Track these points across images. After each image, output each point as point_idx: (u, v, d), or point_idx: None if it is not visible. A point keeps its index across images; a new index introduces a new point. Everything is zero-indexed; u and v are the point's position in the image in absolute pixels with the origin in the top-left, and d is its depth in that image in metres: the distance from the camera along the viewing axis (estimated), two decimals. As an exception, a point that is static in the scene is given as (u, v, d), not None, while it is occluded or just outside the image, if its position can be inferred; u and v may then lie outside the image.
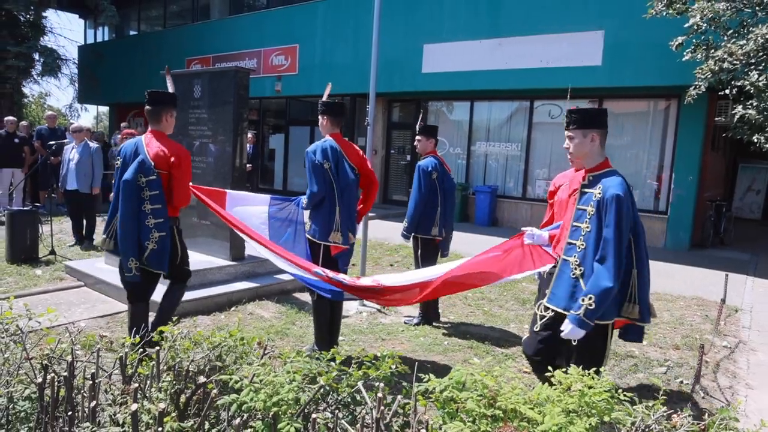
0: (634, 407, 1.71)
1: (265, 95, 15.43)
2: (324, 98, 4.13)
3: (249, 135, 10.35)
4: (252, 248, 6.26)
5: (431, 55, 11.98)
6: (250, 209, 4.18)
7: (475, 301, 5.87)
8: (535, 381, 3.18)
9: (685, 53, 7.94)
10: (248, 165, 7.77)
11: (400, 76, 12.26)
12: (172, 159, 3.51)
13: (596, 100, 10.88)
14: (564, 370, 1.83)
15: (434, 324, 5.00)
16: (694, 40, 7.84)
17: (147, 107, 3.60)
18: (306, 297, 5.67)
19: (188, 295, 5.00)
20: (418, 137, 5.01)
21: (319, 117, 4.04)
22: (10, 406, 1.75)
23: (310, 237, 3.97)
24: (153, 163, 3.46)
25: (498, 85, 11.20)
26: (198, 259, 5.69)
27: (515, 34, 10.78)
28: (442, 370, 3.92)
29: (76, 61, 21.66)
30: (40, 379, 1.65)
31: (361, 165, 4.01)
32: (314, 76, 14.08)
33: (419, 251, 4.97)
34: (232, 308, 5.15)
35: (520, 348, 4.48)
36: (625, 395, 1.74)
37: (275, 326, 4.69)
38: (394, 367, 1.82)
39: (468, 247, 9.00)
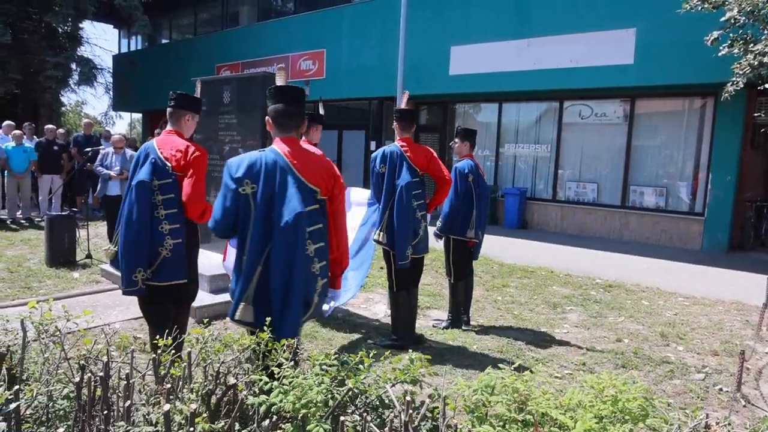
0: (671, 414, 1.67)
1: (293, 100, 15.57)
2: (402, 106, 4.47)
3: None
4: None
5: (459, 56, 11.94)
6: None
7: (505, 305, 5.81)
8: (567, 385, 3.13)
9: (721, 48, 7.71)
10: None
11: (427, 78, 12.25)
12: (187, 156, 3.20)
13: (628, 100, 10.66)
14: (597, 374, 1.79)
15: (463, 328, 4.97)
16: (731, 35, 7.61)
17: (169, 108, 3.41)
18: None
19: (218, 298, 5.10)
20: (455, 139, 5.05)
21: (394, 122, 4.49)
22: (50, 405, 1.80)
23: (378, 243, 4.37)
24: (171, 165, 3.17)
25: (527, 86, 11.08)
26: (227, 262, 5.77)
27: (544, 34, 10.65)
28: (471, 374, 3.89)
29: (111, 70, 22.31)
30: (77, 379, 1.70)
31: (428, 166, 4.27)
32: (342, 80, 14.18)
33: (451, 252, 4.95)
34: (262, 311, 5.20)
35: (552, 352, 4.42)
36: (660, 401, 1.69)
37: (303, 329, 4.72)
38: (422, 370, 1.81)
39: (497, 250, 8.93)
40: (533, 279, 7.06)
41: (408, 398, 1.55)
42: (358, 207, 4.84)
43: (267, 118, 2.62)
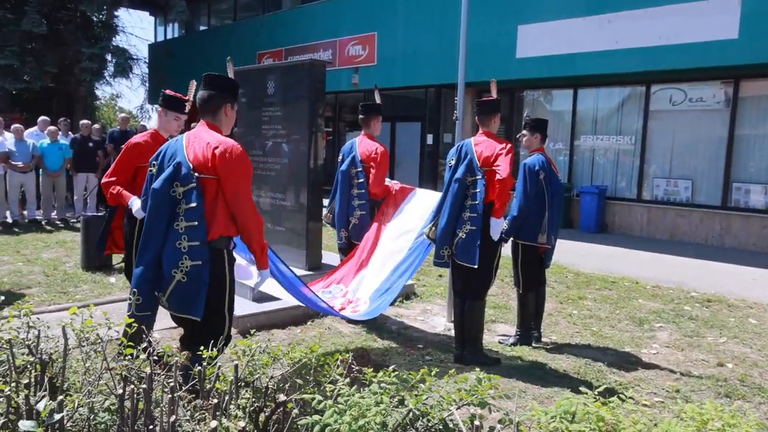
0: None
1: (341, 89, 15.81)
2: (493, 94, 4.62)
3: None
4: (329, 257, 6.44)
5: (527, 37, 11.75)
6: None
7: (581, 320, 5.67)
8: (659, 415, 3.02)
9: None
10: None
11: (491, 62, 12.12)
12: (219, 156, 2.85)
13: (731, 82, 10.19)
14: (699, 404, 1.72)
15: (534, 345, 4.89)
16: None
17: (200, 95, 3.07)
18: (388, 311, 5.74)
19: (262, 307, 5.22)
20: (523, 131, 5.02)
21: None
22: (91, 417, 1.90)
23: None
24: (192, 166, 2.87)
25: (607, 68, 10.78)
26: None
27: (627, 7, 10.33)
28: (544, 398, 3.82)
29: (147, 60, 23.30)
30: (120, 391, 1.78)
31: (491, 163, 4.25)
32: (395, 67, 14.24)
33: (520, 259, 4.89)
34: (309, 322, 5.30)
35: (638, 376, 4.28)
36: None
37: (354, 342, 4.78)
38: (491, 391, 1.80)
39: (572, 257, 8.73)
40: (614, 291, 6.87)
41: (476, 422, 1.55)
42: (424, 210, 4.90)
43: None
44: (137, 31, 63.90)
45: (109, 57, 19.72)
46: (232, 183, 2.87)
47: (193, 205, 2.84)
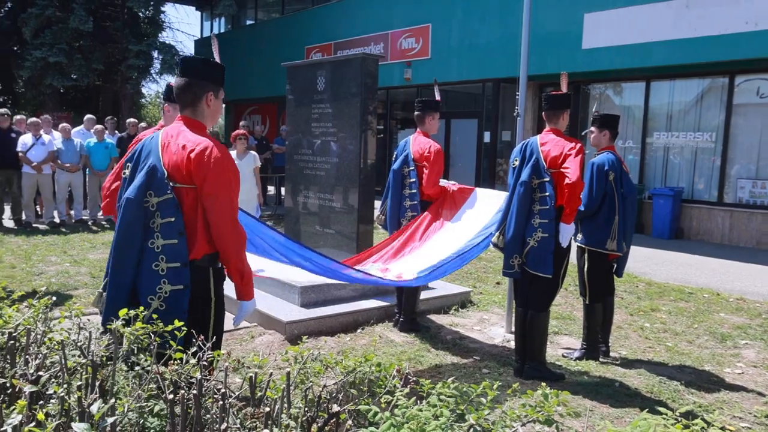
0: None
1: (393, 84, 15.88)
2: (563, 88, 4.61)
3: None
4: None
5: (594, 26, 11.52)
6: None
7: (654, 334, 5.51)
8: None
9: None
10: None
11: (554, 54, 11.94)
12: (194, 160, 2.53)
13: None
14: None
15: (601, 359, 4.78)
16: None
17: (175, 84, 2.75)
18: (442, 320, 5.72)
19: (310, 313, 5.30)
20: (591, 128, 4.93)
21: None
22: (141, 422, 1.97)
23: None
24: (166, 172, 2.56)
25: (684, 58, 10.45)
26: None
27: (708, -9, 10.01)
28: (614, 417, 3.73)
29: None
30: (171, 396, 1.84)
31: (559, 164, 4.19)
32: (450, 60, 14.20)
33: (586, 266, 4.79)
34: (359, 330, 5.34)
35: (721, 397, 4.13)
36: None
37: (407, 353, 4.78)
38: (559, 408, 1.77)
39: (643, 265, 8.50)
40: (692, 303, 6.65)
41: (544, 442, 1.52)
42: (489, 208, 4.92)
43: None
44: (183, 26, 66.01)
45: (155, 54, 20.40)
46: (207, 191, 2.54)
47: (171, 219, 2.53)
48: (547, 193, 4.13)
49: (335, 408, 1.79)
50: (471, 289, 6.69)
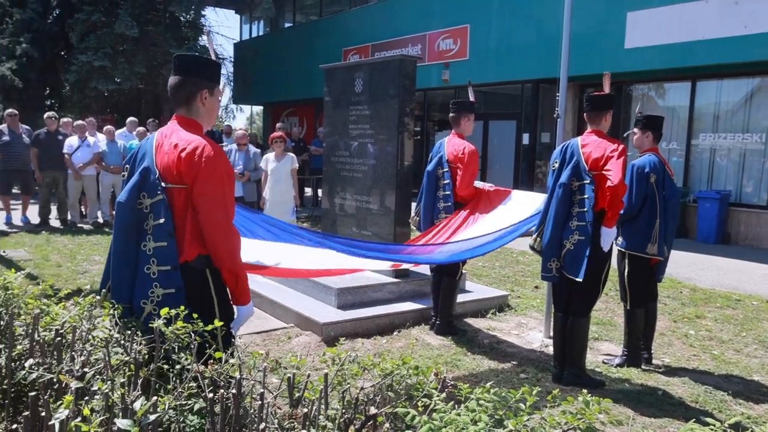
0: None
1: (431, 86, 15.85)
2: (606, 88, 4.54)
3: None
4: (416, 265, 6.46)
5: (637, 24, 11.30)
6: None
7: (699, 342, 5.37)
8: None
9: None
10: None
11: (596, 54, 11.75)
12: (185, 159, 2.47)
13: None
14: None
15: (643, 367, 4.69)
16: None
17: (170, 82, 2.69)
18: (479, 324, 5.68)
19: (347, 315, 5.32)
20: (633, 130, 4.87)
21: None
22: (181, 419, 2.01)
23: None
24: (158, 173, 2.51)
25: (732, 57, 10.16)
26: (357, 275, 6.01)
27: (759, -13, 9.72)
28: (656, 427, 3.65)
29: (232, 59, 24.39)
30: (210, 395, 1.87)
31: (602, 166, 4.14)
32: (488, 61, 14.10)
33: (627, 271, 4.71)
34: (395, 332, 5.34)
35: (769, 408, 4.00)
36: None
37: (444, 356, 4.77)
38: (601, 416, 1.74)
39: (688, 270, 8.30)
40: (740, 310, 6.45)
41: (585, 450, 1.50)
42: (525, 207, 4.90)
43: None
44: (223, 30, 67.12)
45: (196, 57, 20.81)
46: (198, 191, 2.47)
47: (161, 221, 2.47)
48: (586, 196, 4.06)
49: (372, 410, 1.79)
50: (509, 292, 6.63)
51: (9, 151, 10.39)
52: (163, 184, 2.48)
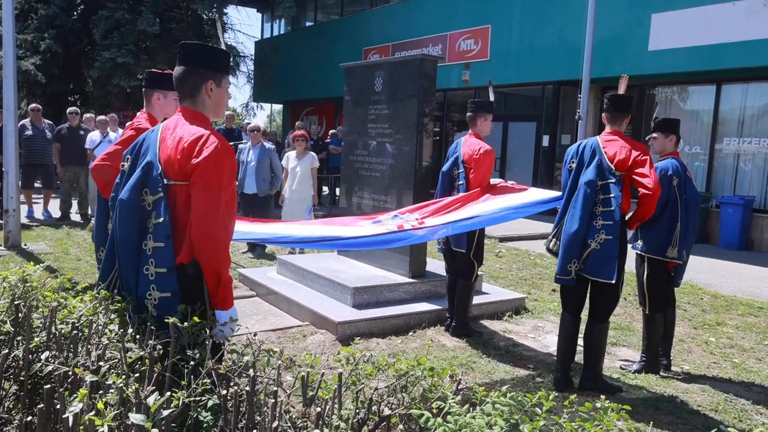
0: None
1: (451, 86, 15.80)
2: (621, 90, 4.44)
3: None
4: (434, 264, 6.43)
5: (661, 26, 11.16)
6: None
7: (719, 349, 5.28)
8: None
9: None
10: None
11: (619, 56, 11.61)
12: (185, 150, 2.35)
13: None
14: None
15: (662, 373, 4.62)
16: None
17: (174, 73, 2.56)
18: (495, 326, 5.64)
19: (362, 314, 5.31)
20: (653, 134, 4.80)
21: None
22: (195, 415, 2.01)
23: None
24: (161, 168, 2.39)
25: (759, 60, 10.00)
26: (372, 274, 6.01)
27: (786, -9, 9.55)
28: (674, 436, 3.59)
29: (253, 57, 24.52)
30: (224, 391, 1.87)
31: (629, 168, 4.08)
32: (509, 62, 14.02)
33: (646, 273, 4.64)
34: (410, 333, 5.32)
35: (791, 419, 3.92)
36: None
37: (459, 358, 4.73)
38: (620, 423, 1.71)
39: (709, 276, 8.17)
40: (762, 318, 6.34)
41: (602, 457, 1.47)
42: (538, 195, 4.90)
43: None
44: (245, 28, 67.60)
45: (217, 55, 20.97)
46: (195, 179, 2.33)
47: (160, 219, 2.35)
48: (612, 195, 3.99)
49: (386, 411, 1.77)
50: (525, 295, 6.57)
51: (32, 146, 10.54)
52: (165, 180, 2.37)
